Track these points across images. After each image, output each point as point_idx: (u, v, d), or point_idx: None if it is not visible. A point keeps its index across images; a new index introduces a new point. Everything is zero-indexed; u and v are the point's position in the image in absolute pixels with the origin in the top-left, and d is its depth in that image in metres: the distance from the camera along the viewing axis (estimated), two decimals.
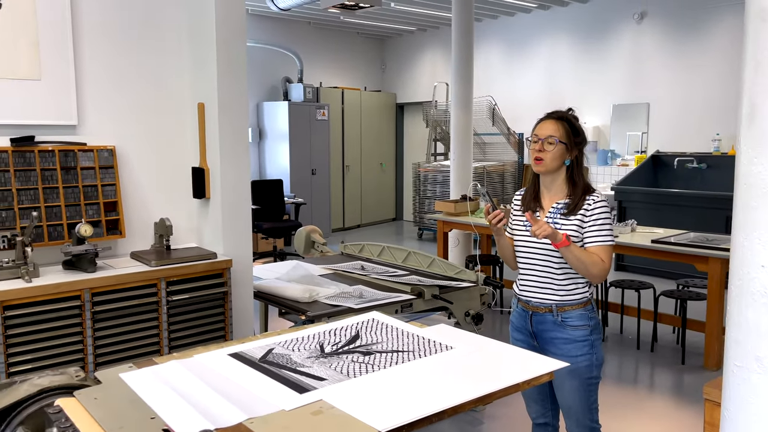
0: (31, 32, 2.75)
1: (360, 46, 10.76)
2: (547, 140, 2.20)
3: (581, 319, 2.23)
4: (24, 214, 2.75)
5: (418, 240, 9.25)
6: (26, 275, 2.55)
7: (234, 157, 3.08)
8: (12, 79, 2.73)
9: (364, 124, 10.39)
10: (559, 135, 2.20)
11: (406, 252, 3.68)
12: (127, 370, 1.63)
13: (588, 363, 2.22)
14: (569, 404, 2.28)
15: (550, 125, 2.22)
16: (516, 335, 2.37)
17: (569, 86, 8.44)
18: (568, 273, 2.21)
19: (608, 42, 8.02)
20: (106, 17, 2.95)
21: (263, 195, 7.63)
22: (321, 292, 2.93)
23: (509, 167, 8.79)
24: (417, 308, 3.01)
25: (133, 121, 3.07)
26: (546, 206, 2.28)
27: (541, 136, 2.22)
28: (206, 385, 1.52)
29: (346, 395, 1.44)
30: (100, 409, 1.39)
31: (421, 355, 1.71)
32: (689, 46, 7.29)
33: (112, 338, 2.69)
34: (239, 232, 3.13)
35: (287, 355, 1.72)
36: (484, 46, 9.29)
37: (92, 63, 2.94)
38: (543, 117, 2.28)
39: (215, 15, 2.96)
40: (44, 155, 2.82)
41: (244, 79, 3.09)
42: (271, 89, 9.34)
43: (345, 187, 10.14)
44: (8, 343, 2.44)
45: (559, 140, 2.19)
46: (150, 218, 3.13)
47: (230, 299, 2.99)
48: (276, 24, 9.35)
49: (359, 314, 2.15)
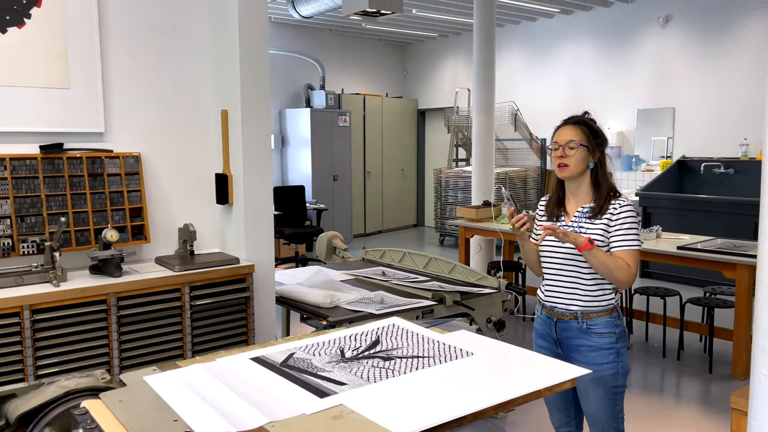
0: (60, 42, 2.82)
1: (381, 53, 10.80)
2: (568, 145, 2.19)
3: (607, 326, 2.20)
4: (53, 219, 2.81)
5: (440, 246, 9.23)
6: (54, 279, 2.60)
7: (257, 163, 3.11)
8: (42, 88, 2.80)
9: (386, 130, 10.42)
10: (579, 138, 2.19)
11: (428, 258, 3.67)
12: (152, 373, 1.66)
13: (614, 371, 2.19)
14: (594, 413, 2.25)
15: (569, 130, 2.21)
16: (540, 342, 2.35)
17: (592, 91, 8.37)
18: (597, 278, 2.19)
19: (632, 46, 7.94)
20: (131, 27, 3.01)
21: (285, 201, 7.69)
22: (342, 298, 2.94)
23: (532, 173, 8.73)
24: (438, 314, 3.00)
25: (158, 128, 3.12)
26: (571, 211, 2.27)
27: (561, 142, 2.21)
28: (228, 389, 1.53)
29: (367, 400, 1.45)
30: (124, 411, 1.41)
31: (441, 361, 1.70)
32: (715, 49, 7.19)
33: (137, 342, 2.73)
34: (261, 237, 3.16)
35: (308, 360, 1.73)
36: (506, 51, 9.26)
37: (118, 72, 3.00)
38: (560, 124, 2.28)
39: (238, 23, 3.00)
40: (72, 162, 2.88)
41: (267, 87, 3.12)
42: (294, 96, 9.42)
43: (366, 193, 10.17)
44: (36, 346, 2.49)
45: (579, 143, 2.18)
46: (174, 224, 3.18)
47: (252, 304, 3.02)
48: (298, 31, 9.44)
49: (380, 320, 2.16)
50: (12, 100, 2.74)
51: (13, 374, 2.45)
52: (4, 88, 2.71)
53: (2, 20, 2.68)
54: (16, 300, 2.44)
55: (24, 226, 2.76)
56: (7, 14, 2.69)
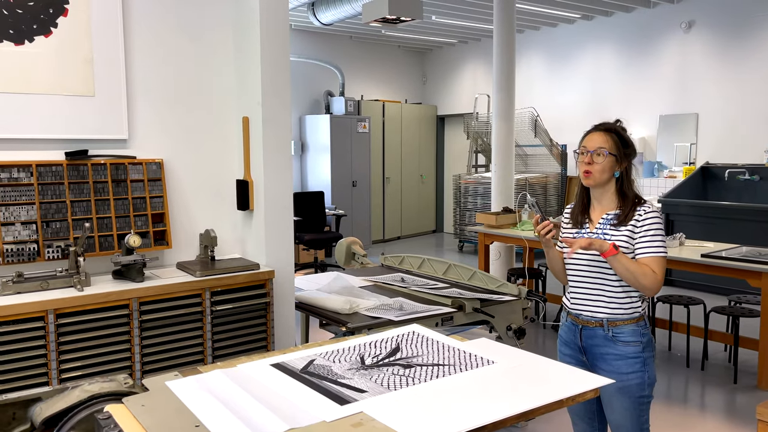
0: (85, 51, 2.87)
1: (401, 59, 10.82)
2: (596, 152, 2.15)
3: (634, 335, 2.16)
4: (77, 225, 2.86)
5: (459, 252, 9.19)
6: (78, 284, 2.64)
7: (277, 169, 3.13)
8: (68, 96, 2.85)
9: (405, 136, 10.43)
10: (608, 147, 2.15)
11: (447, 264, 3.66)
12: (173, 378, 1.67)
13: (640, 381, 2.16)
14: (620, 423, 2.21)
15: (599, 137, 2.18)
16: (564, 350, 2.33)
17: (614, 97, 8.29)
18: (624, 285, 2.16)
19: (654, 52, 7.86)
20: (155, 35, 3.06)
21: (305, 207, 7.72)
22: (361, 304, 2.93)
23: (552, 179, 8.67)
24: (458, 321, 2.99)
25: (180, 134, 3.16)
26: (595, 219, 2.24)
27: (590, 148, 2.17)
28: (249, 395, 1.54)
29: (387, 408, 1.44)
30: (147, 416, 1.42)
31: (461, 369, 1.69)
32: (739, 54, 7.08)
33: (159, 346, 2.75)
34: (282, 243, 3.18)
35: (328, 366, 1.73)
36: (525, 57, 9.23)
37: (142, 80, 3.04)
38: (590, 129, 2.24)
39: (260, 31, 3.03)
40: (96, 168, 2.92)
41: (288, 94, 3.15)
42: (314, 103, 9.47)
43: (385, 199, 10.17)
44: (60, 350, 2.53)
45: (608, 152, 2.15)
46: (195, 229, 3.21)
47: (272, 310, 3.03)
48: (318, 38, 9.50)
49: (399, 326, 2.15)
50: (38, 108, 2.79)
51: (37, 377, 2.49)
52: (32, 96, 2.77)
53: (29, 29, 2.74)
54: (41, 304, 2.48)
55: (49, 232, 2.80)
56: (35, 23, 2.75)
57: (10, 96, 2.73)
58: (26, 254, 2.73)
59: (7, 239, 2.71)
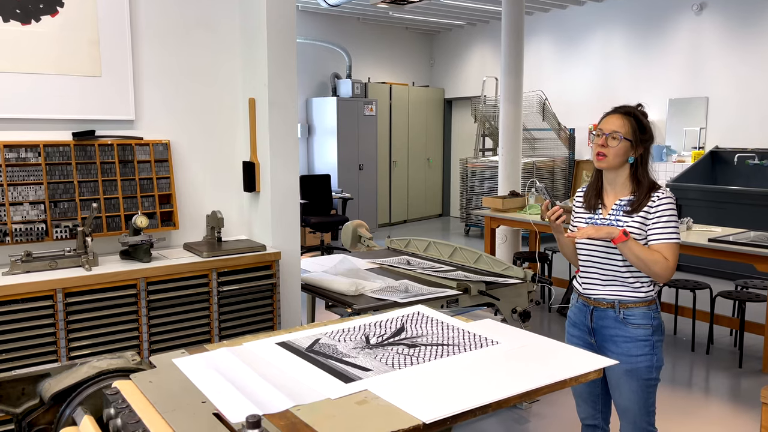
0: (92, 31, 2.86)
1: (408, 42, 10.74)
2: (612, 135, 2.12)
3: (644, 318, 2.16)
4: (84, 205, 2.87)
5: (465, 236, 9.19)
6: (86, 264, 2.66)
7: (283, 152, 3.13)
8: (75, 76, 2.85)
9: (412, 119, 10.39)
10: (624, 131, 2.12)
11: (453, 247, 3.66)
12: (180, 355, 1.69)
13: (648, 364, 2.16)
14: (626, 406, 2.22)
15: (616, 120, 2.14)
16: (572, 331, 2.33)
17: (623, 80, 8.22)
18: (633, 270, 2.15)
19: (665, 34, 7.77)
20: (161, 16, 3.05)
21: (311, 190, 7.73)
22: (367, 286, 2.95)
23: (560, 163, 8.63)
24: (463, 304, 3.00)
25: (187, 116, 3.16)
26: (608, 204, 2.22)
27: (606, 130, 2.14)
28: (255, 372, 1.55)
29: (391, 386, 1.45)
30: (154, 391, 1.44)
31: (466, 349, 1.70)
32: (751, 38, 6.99)
33: (166, 326, 2.78)
34: (288, 225, 3.18)
35: (333, 345, 1.75)
36: (534, 39, 9.14)
37: (149, 61, 3.03)
38: (610, 111, 2.20)
39: (266, 12, 3.01)
40: (104, 149, 2.93)
41: (294, 76, 3.13)
42: (320, 85, 9.44)
43: (392, 183, 10.16)
44: (69, 328, 2.55)
45: (624, 137, 2.11)
46: (202, 210, 3.22)
47: (278, 291, 3.05)
48: (325, 20, 9.44)
49: (404, 308, 2.16)
50: (45, 88, 2.79)
51: (46, 355, 2.52)
52: (38, 76, 2.77)
53: (36, 9, 2.73)
54: (50, 283, 2.51)
55: (57, 212, 2.82)
56: (41, 3, 2.74)
57: (17, 76, 2.73)
58: (35, 234, 2.76)
59: (15, 219, 2.73)
